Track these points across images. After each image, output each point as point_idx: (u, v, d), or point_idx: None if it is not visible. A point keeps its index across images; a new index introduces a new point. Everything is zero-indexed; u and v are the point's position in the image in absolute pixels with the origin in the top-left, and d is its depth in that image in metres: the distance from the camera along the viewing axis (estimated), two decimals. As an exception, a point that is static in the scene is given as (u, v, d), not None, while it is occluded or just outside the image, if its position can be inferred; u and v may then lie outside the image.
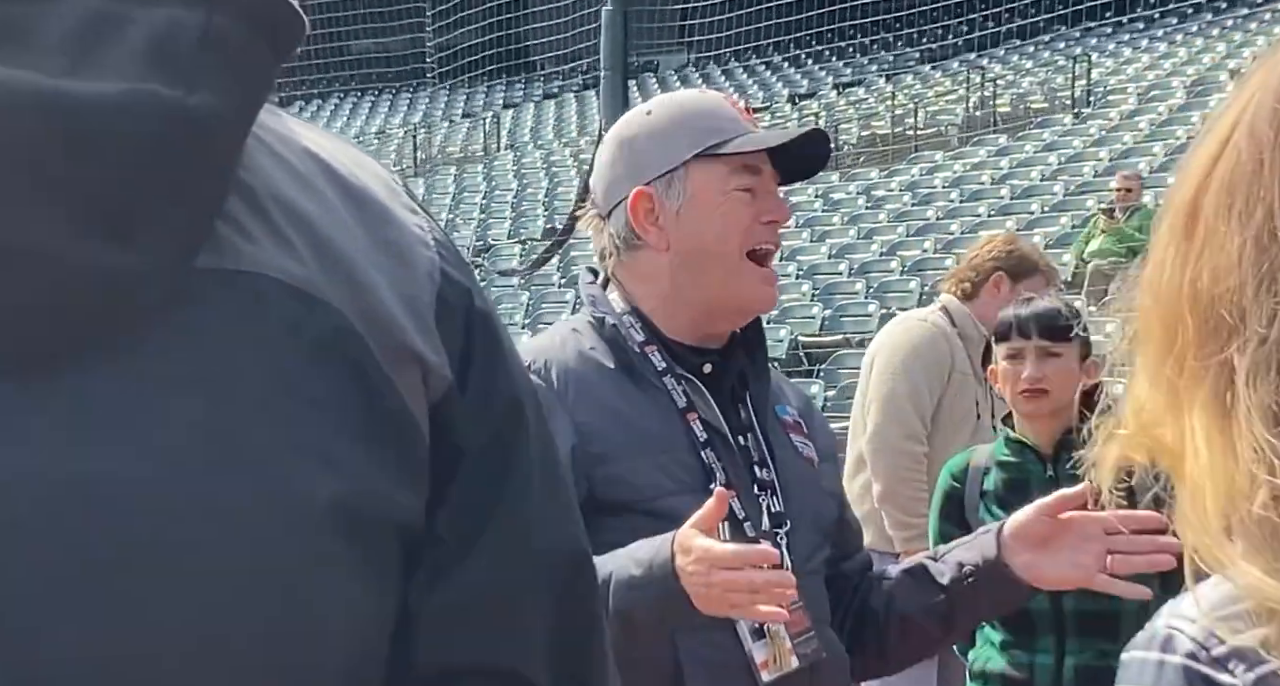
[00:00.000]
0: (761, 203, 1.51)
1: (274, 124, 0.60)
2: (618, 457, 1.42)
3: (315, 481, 0.54)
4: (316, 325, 0.55)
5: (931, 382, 3.12)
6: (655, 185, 1.50)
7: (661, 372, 1.48)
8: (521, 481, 0.61)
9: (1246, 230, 0.59)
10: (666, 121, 1.52)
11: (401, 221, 0.61)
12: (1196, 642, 0.57)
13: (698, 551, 1.33)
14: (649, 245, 1.51)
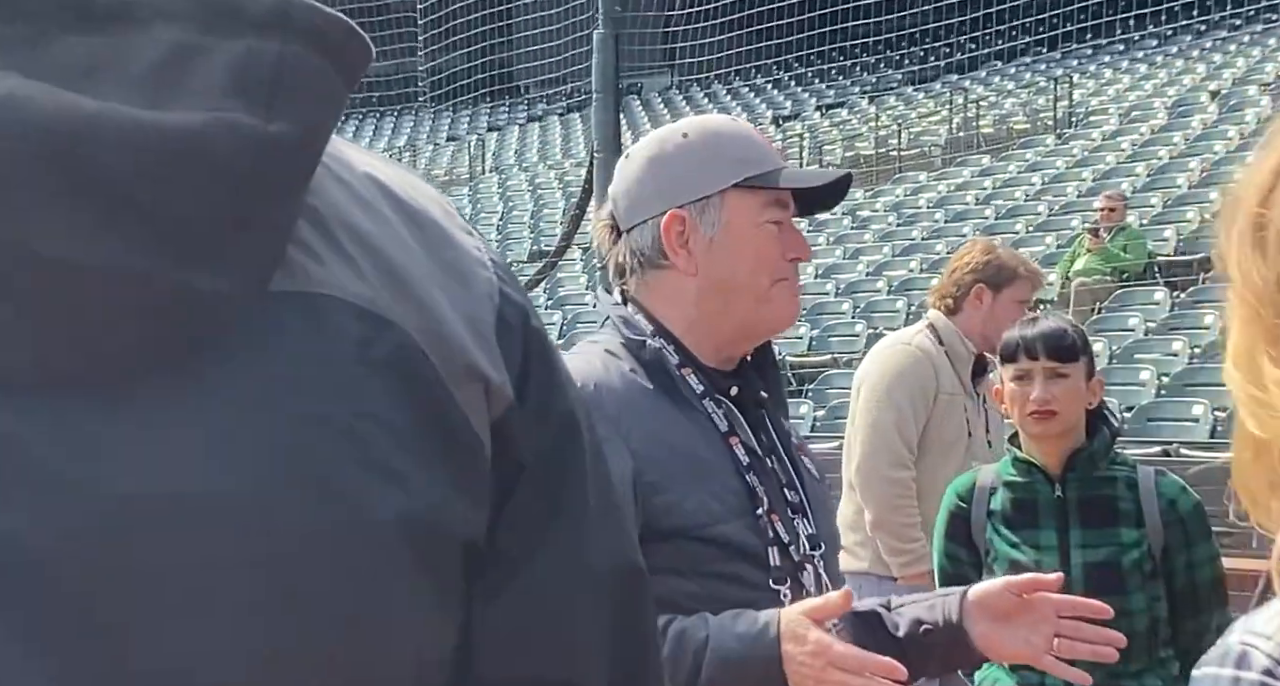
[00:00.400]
0: (788, 238, 1.52)
1: (333, 149, 0.61)
2: (670, 486, 1.41)
3: (384, 499, 0.55)
4: (383, 344, 0.57)
5: (917, 408, 3.12)
6: (689, 209, 1.50)
7: (701, 396, 1.48)
8: (578, 495, 0.62)
9: None
10: (705, 147, 1.52)
11: (460, 243, 0.62)
12: (1273, 659, 0.56)
13: (815, 644, 1.33)
14: (676, 268, 1.51)
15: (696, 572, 1.40)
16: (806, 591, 1.45)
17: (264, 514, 0.53)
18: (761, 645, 1.34)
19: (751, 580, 1.42)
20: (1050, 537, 2.43)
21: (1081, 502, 2.41)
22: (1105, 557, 2.39)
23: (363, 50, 0.58)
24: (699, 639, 1.35)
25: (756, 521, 1.44)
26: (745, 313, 1.50)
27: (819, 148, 19.78)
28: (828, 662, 1.33)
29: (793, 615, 1.36)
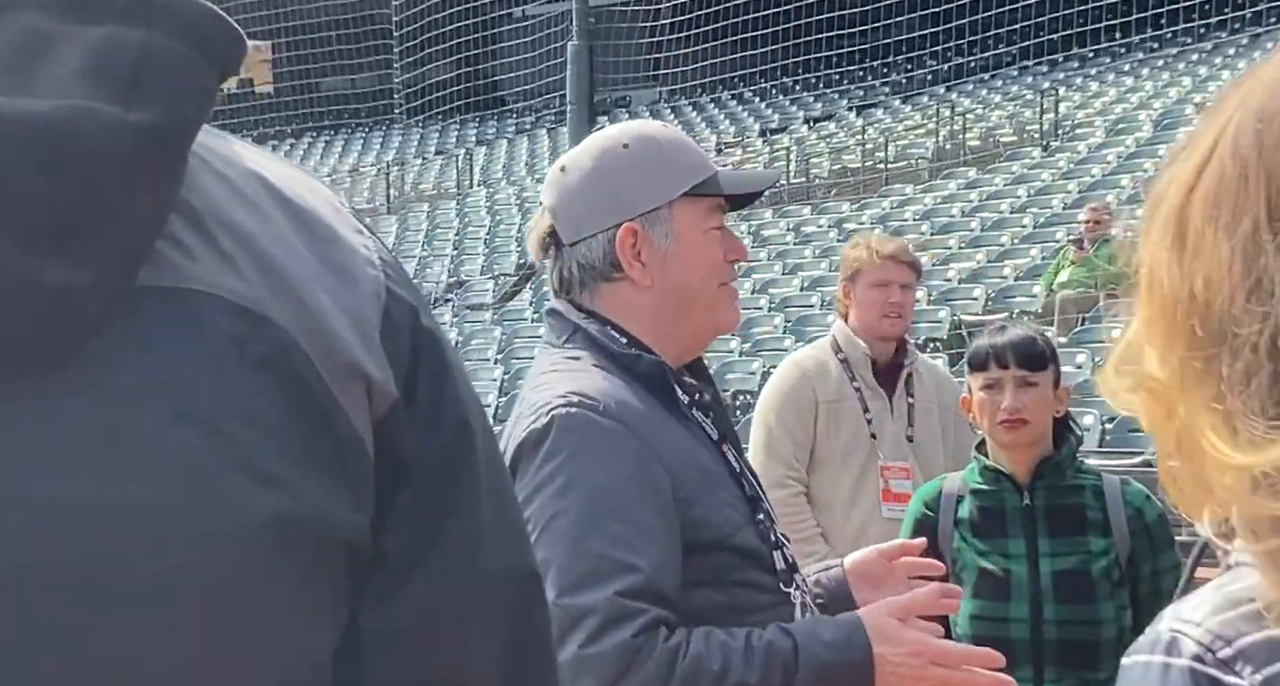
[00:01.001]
0: (728, 242, 1.53)
1: (219, 146, 0.60)
2: (697, 499, 1.41)
3: (255, 500, 0.54)
4: (260, 342, 0.56)
5: (790, 426, 3.12)
6: (641, 221, 1.49)
7: (690, 406, 1.48)
8: (469, 500, 0.61)
9: (1233, 240, 0.60)
10: (649, 157, 1.51)
11: (347, 241, 0.62)
12: (1202, 645, 0.56)
13: (914, 643, 1.34)
14: (630, 280, 1.49)
15: (724, 582, 1.40)
16: (801, 591, 1.46)
17: (120, 514, 0.52)
18: (853, 650, 1.34)
19: (765, 585, 1.43)
20: (1019, 546, 2.42)
21: (1050, 511, 2.41)
22: (1074, 566, 2.39)
23: (235, 40, 0.57)
24: (787, 649, 1.35)
25: (759, 526, 1.44)
26: (698, 320, 1.51)
27: (806, 161, 19.84)
28: (929, 661, 1.33)
29: (878, 616, 1.36)
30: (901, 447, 3.09)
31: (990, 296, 11.37)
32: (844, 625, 1.37)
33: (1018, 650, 2.38)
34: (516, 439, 1.42)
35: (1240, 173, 0.61)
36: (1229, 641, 0.56)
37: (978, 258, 12.85)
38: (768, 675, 1.34)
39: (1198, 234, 0.62)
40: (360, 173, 26.24)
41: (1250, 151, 0.61)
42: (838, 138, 21.57)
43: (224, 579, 0.53)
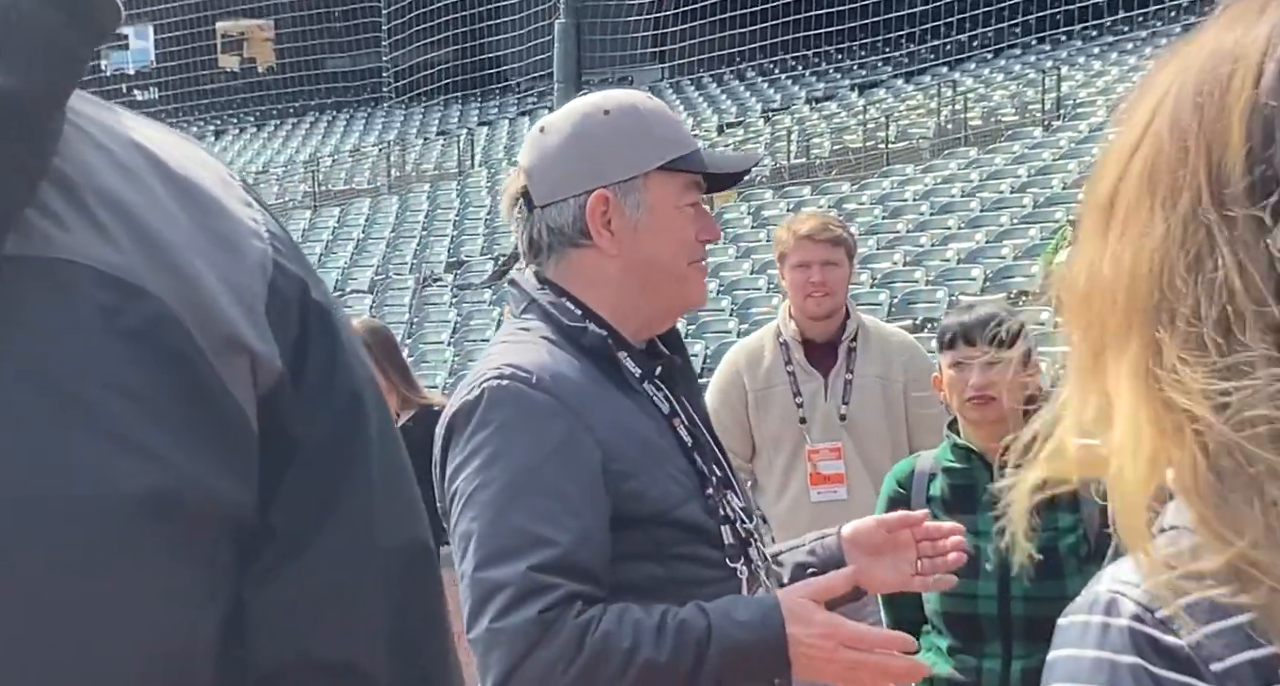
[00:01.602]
0: (702, 221, 1.51)
1: (100, 116, 0.59)
2: (636, 472, 1.40)
3: (125, 473, 0.54)
4: (134, 313, 0.55)
5: (721, 415, 3.12)
6: (614, 189, 1.48)
7: (640, 379, 1.47)
8: (361, 475, 0.60)
9: (1172, 216, 0.60)
10: (629, 126, 1.49)
11: (233, 214, 0.61)
12: (1141, 605, 0.57)
13: (823, 626, 1.34)
14: (598, 248, 1.48)
15: (664, 556, 1.40)
16: (754, 566, 1.45)
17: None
18: (767, 630, 1.34)
19: (711, 559, 1.43)
20: (988, 522, 2.43)
21: (1020, 487, 2.42)
22: (1043, 542, 2.40)
23: (109, 7, 0.56)
24: (700, 628, 1.34)
25: (707, 501, 1.44)
26: (664, 294, 1.49)
27: (807, 141, 19.78)
28: (840, 643, 1.33)
29: (794, 597, 1.36)
30: (833, 427, 3.10)
31: (989, 276, 11.36)
32: (760, 605, 1.37)
33: (986, 626, 2.40)
34: (451, 410, 1.42)
35: (1180, 147, 0.61)
36: (1168, 601, 0.57)
37: (977, 238, 12.83)
38: (679, 653, 1.33)
39: (1129, 213, 0.62)
40: (362, 153, 26.19)
41: (1191, 124, 0.61)
42: (839, 117, 21.50)
43: (88, 552, 0.52)
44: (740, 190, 18.15)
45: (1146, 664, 0.56)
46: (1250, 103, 0.60)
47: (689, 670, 1.34)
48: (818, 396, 3.11)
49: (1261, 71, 0.60)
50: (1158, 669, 0.56)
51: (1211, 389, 0.57)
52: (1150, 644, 0.56)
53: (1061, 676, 0.58)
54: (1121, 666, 0.56)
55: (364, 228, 20.24)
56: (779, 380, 3.13)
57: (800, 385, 3.12)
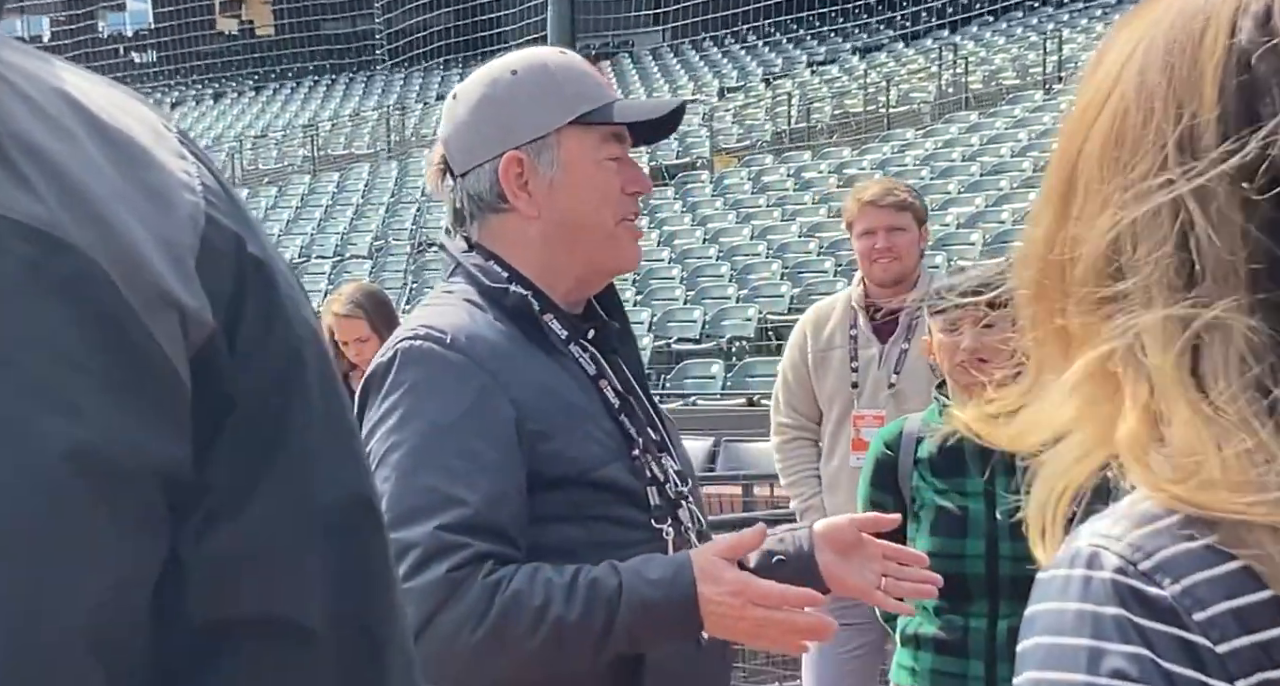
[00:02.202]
0: (628, 173, 1.48)
1: (20, 61, 0.57)
2: (554, 432, 1.40)
3: (51, 431, 0.52)
4: (58, 267, 0.53)
5: (789, 377, 3.27)
6: (526, 149, 1.46)
7: (566, 341, 1.46)
8: (301, 429, 0.59)
9: (1138, 184, 0.59)
10: (536, 83, 1.47)
11: (163, 165, 0.59)
12: (1124, 558, 0.58)
13: (733, 583, 1.34)
14: (518, 211, 1.47)
15: (583, 517, 1.40)
16: (684, 528, 1.45)
17: None
18: (677, 588, 1.34)
19: (634, 521, 1.42)
20: (976, 484, 2.45)
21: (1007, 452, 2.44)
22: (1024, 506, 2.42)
23: None
24: (611, 586, 1.34)
25: (633, 462, 1.43)
26: (591, 253, 1.47)
27: (808, 105, 19.68)
28: (748, 600, 1.33)
29: (706, 556, 1.36)
30: (881, 395, 3.13)
31: (988, 240, 11.34)
32: (672, 563, 1.36)
33: (974, 585, 2.42)
34: (368, 373, 1.42)
35: (1146, 108, 0.60)
36: (1149, 554, 0.57)
37: (977, 202, 12.79)
38: (590, 612, 1.33)
39: (1092, 185, 0.61)
40: (361, 117, 26.05)
41: (1159, 83, 0.60)
42: (840, 81, 21.37)
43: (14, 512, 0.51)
44: (741, 155, 18.08)
45: (1130, 614, 0.56)
46: (1223, 58, 0.59)
47: (600, 628, 1.34)
48: (873, 363, 3.15)
49: (1235, 25, 0.59)
50: (1141, 619, 0.56)
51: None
52: (1133, 595, 0.57)
53: (1043, 629, 0.58)
54: (1105, 617, 0.57)
55: (363, 193, 20.16)
56: (838, 344, 3.18)
57: (859, 350, 3.16)
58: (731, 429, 8.04)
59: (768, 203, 15.05)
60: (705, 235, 14.10)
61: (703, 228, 14.44)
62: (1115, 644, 0.56)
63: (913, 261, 3.16)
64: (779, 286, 11.62)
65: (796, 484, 3.29)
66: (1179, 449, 0.58)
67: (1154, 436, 0.59)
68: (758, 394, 9.31)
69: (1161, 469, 0.59)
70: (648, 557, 1.38)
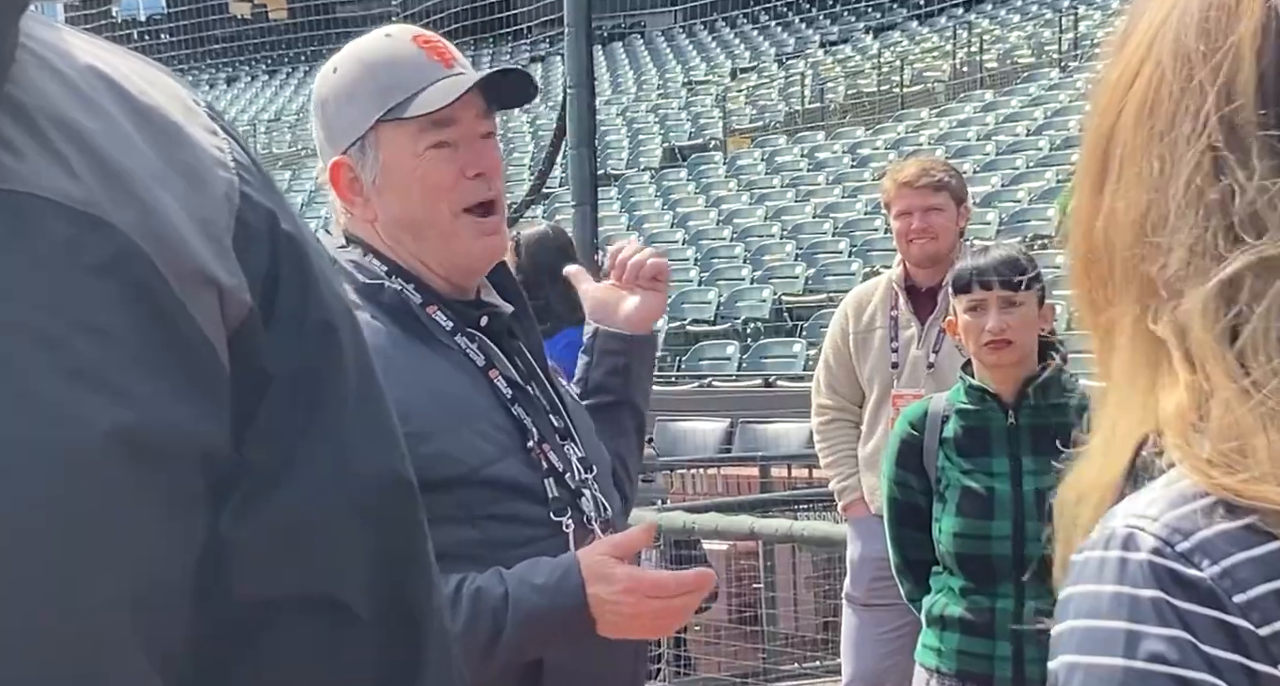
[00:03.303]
0: (465, 155, 1.40)
1: (53, 38, 0.57)
2: (436, 433, 1.33)
3: (94, 411, 0.52)
4: (97, 247, 0.53)
5: (830, 358, 3.31)
6: (351, 153, 1.41)
7: (451, 333, 1.41)
8: (336, 407, 0.59)
9: (1173, 150, 0.58)
10: (349, 80, 1.41)
11: (197, 142, 0.59)
12: (1160, 539, 0.57)
13: (625, 581, 1.32)
14: (355, 215, 1.43)
15: (474, 517, 1.36)
16: (586, 517, 1.41)
17: None
18: (565, 592, 1.31)
19: (531, 516, 1.39)
20: (1002, 464, 2.44)
21: (1034, 429, 2.43)
22: (1057, 484, 2.40)
23: None
24: (497, 595, 1.31)
25: (529, 455, 1.39)
26: (436, 249, 1.41)
27: (821, 85, 19.59)
28: (643, 595, 1.32)
29: (593, 556, 1.33)
30: (920, 374, 3.15)
31: (1004, 220, 11.29)
32: (558, 567, 1.33)
33: (999, 566, 2.41)
34: None
35: (1183, 75, 0.59)
36: (1187, 534, 0.56)
37: (993, 181, 12.73)
38: (475, 622, 1.30)
39: (1128, 156, 0.60)
40: (373, 100, 25.98)
41: (1197, 47, 0.59)
42: (854, 61, 21.27)
43: (59, 492, 0.52)
44: (754, 136, 18.02)
45: (1168, 597, 0.56)
46: (1264, 20, 0.58)
47: (486, 638, 1.31)
48: (912, 343, 3.17)
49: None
50: (1180, 601, 0.55)
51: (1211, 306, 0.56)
52: (1171, 577, 0.56)
53: (1079, 612, 0.57)
54: (1143, 600, 0.56)
55: (376, 176, 20.12)
56: (878, 324, 3.21)
57: (899, 330, 3.18)
58: (747, 410, 8.03)
59: (781, 183, 15.01)
60: (719, 216, 14.07)
61: (716, 209, 14.40)
62: (1153, 627, 0.55)
63: (950, 240, 3.16)
64: (794, 267, 11.59)
65: (835, 464, 3.32)
66: (1220, 431, 0.57)
67: (1196, 414, 0.58)
68: (773, 375, 9.30)
69: (1204, 449, 0.57)
70: (534, 562, 1.35)
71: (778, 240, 12.51)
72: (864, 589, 3.25)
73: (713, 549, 5.02)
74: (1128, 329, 0.61)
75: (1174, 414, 0.58)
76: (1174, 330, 0.59)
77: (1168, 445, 0.58)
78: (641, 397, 1.60)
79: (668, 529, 4.32)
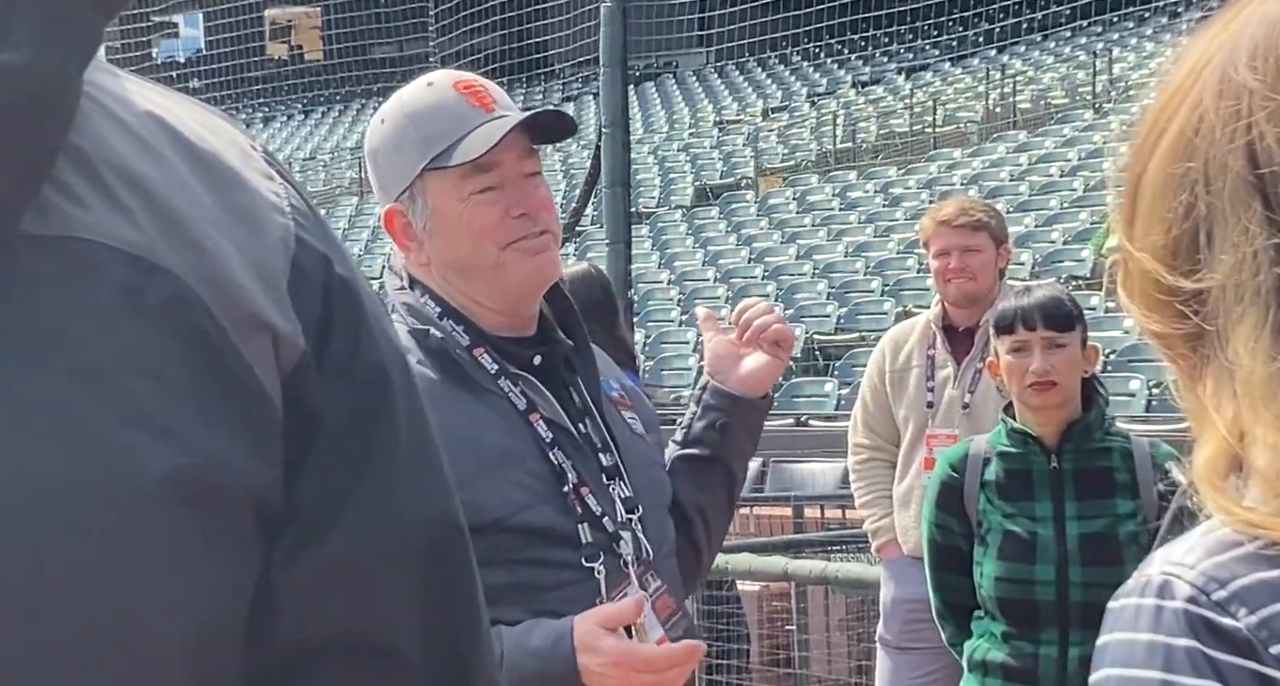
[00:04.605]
0: (509, 196, 1.44)
1: (113, 86, 0.58)
2: (468, 482, 1.30)
3: (151, 454, 0.53)
4: (155, 292, 0.54)
5: (868, 397, 3.31)
6: (402, 200, 1.46)
7: (495, 376, 1.44)
8: (388, 450, 0.60)
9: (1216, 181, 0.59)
10: (395, 131, 1.46)
11: (254, 187, 0.60)
12: (1196, 587, 0.56)
13: (614, 653, 1.33)
14: (410, 259, 1.48)
15: (505, 561, 1.37)
16: (623, 560, 1.43)
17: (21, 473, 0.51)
18: (557, 660, 1.33)
19: (561, 561, 1.40)
20: (1045, 508, 2.41)
21: (1077, 473, 2.40)
22: (1101, 529, 2.37)
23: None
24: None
25: (564, 500, 1.41)
26: (488, 285, 1.45)
27: (853, 125, 19.64)
28: (630, 669, 1.34)
29: (586, 625, 1.35)
30: (955, 415, 3.13)
31: (1038, 261, 11.24)
32: (553, 632, 1.36)
33: (1043, 612, 2.37)
34: None
35: (1230, 108, 0.59)
36: (1223, 583, 0.56)
37: (1026, 222, 12.69)
38: None
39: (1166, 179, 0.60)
40: (407, 139, 26.25)
41: (1245, 82, 0.59)
42: (886, 101, 21.33)
43: (116, 534, 0.52)
44: (786, 176, 18.06)
45: (1203, 647, 0.55)
46: None
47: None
48: (948, 383, 3.16)
49: None
50: (1214, 652, 0.54)
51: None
52: (1206, 626, 0.55)
53: (1114, 661, 0.57)
54: (1177, 649, 0.55)
55: (410, 213, 20.30)
56: (915, 364, 3.21)
57: (936, 370, 3.18)
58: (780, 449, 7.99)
59: (813, 222, 15.01)
60: (750, 255, 14.08)
61: (748, 247, 14.41)
62: (1187, 677, 0.55)
63: (988, 281, 3.16)
64: (825, 306, 11.57)
65: (870, 504, 3.31)
66: (1268, 473, 0.56)
67: (1235, 456, 0.57)
68: (806, 414, 9.25)
69: (1241, 495, 0.56)
70: (532, 624, 1.37)
71: (809, 279, 12.50)
72: (897, 631, 3.21)
73: (746, 590, 4.98)
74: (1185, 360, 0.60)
75: (1209, 461, 0.57)
76: (1214, 363, 0.58)
77: (1203, 492, 0.58)
78: (738, 461, 1.59)
79: (701, 569, 4.29)
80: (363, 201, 22.19)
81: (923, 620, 2.65)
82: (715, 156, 19.91)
